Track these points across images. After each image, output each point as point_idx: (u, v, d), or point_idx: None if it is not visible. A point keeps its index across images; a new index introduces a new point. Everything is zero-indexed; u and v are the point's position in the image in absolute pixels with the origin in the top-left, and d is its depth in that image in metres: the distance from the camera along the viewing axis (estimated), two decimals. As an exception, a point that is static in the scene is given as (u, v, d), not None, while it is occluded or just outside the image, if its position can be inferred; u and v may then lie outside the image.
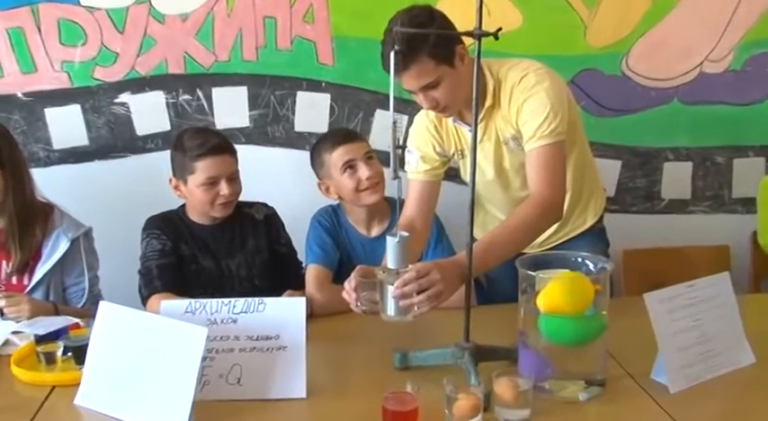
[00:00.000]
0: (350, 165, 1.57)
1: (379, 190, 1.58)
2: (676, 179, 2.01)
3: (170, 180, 1.57)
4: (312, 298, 1.46)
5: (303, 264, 1.59)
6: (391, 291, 1.11)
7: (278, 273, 1.64)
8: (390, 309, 1.13)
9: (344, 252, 1.63)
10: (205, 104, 1.88)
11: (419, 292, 1.11)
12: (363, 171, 1.56)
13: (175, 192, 1.57)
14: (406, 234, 1.12)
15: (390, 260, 1.13)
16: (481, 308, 1.46)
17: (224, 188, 1.53)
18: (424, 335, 1.29)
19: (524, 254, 1.14)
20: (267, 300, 1.15)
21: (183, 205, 1.61)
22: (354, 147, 1.58)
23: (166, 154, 1.59)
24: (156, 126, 1.87)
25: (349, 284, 1.19)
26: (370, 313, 1.18)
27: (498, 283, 1.62)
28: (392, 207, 1.66)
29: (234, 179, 1.56)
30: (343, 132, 1.65)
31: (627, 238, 1.94)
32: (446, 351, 1.17)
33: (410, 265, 1.12)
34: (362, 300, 1.18)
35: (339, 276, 1.58)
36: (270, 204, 1.68)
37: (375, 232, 1.65)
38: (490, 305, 1.53)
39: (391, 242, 1.12)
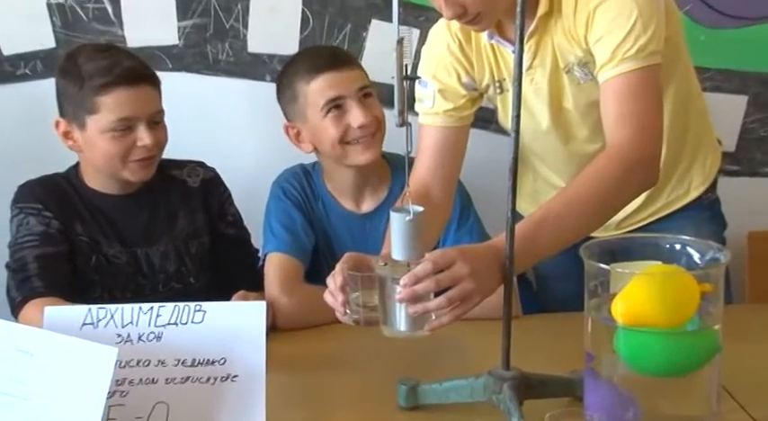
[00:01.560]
0: (335, 105, 1.57)
1: (375, 144, 1.58)
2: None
3: (56, 123, 1.55)
4: (275, 302, 1.47)
5: (261, 254, 1.60)
6: (397, 291, 1.12)
7: (223, 267, 1.65)
8: (396, 318, 1.13)
9: (322, 235, 1.64)
10: (110, 9, 1.86)
11: (437, 294, 1.12)
12: (355, 115, 1.56)
13: (65, 141, 1.56)
14: (419, 209, 1.12)
15: (396, 247, 1.13)
16: (528, 318, 1.47)
17: (142, 136, 1.51)
18: (443, 359, 1.30)
19: (593, 238, 1.13)
20: (208, 305, 1.15)
21: (77, 165, 1.60)
22: (343, 79, 1.57)
23: (50, 84, 1.58)
24: (33, 41, 1.85)
25: (333, 281, 1.20)
26: (365, 325, 1.19)
27: (554, 282, 1.63)
28: (393, 168, 1.66)
29: (157, 124, 1.55)
30: (328, 53, 1.65)
31: (754, 216, 1.91)
32: (475, 382, 1.17)
33: (426, 255, 1.13)
34: (353, 305, 1.19)
35: (315, 271, 1.59)
36: (211, 164, 1.68)
37: (368, 206, 1.65)
38: (542, 314, 1.55)
39: (398, 220, 1.12)
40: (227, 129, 1.90)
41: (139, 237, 1.58)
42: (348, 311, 1.19)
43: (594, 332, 1.08)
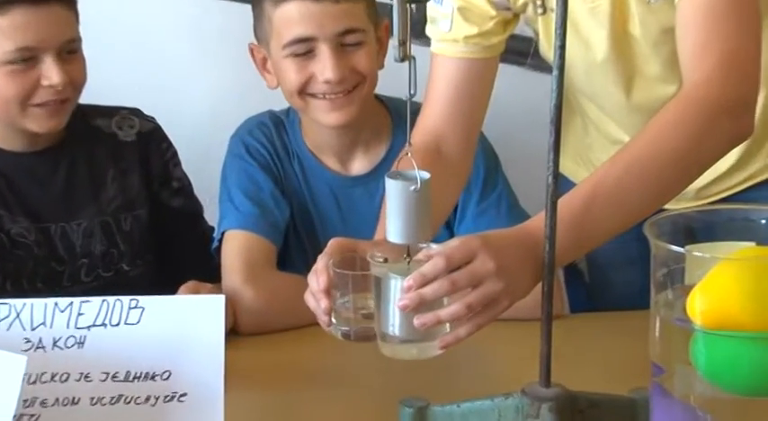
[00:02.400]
0: (303, 47, 1.56)
1: (349, 104, 1.59)
2: None
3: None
4: (238, 295, 1.48)
5: (217, 233, 1.61)
6: (397, 293, 1.12)
7: (168, 250, 1.66)
8: (396, 329, 1.14)
9: (299, 207, 1.65)
10: None
11: (453, 296, 1.12)
12: (324, 66, 1.55)
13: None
14: (426, 175, 1.12)
15: (393, 229, 1.13)
16: (576, 318, 1.49)
17: (49, 72, 1.51)
18: (461, 373, 1.31)
19: (664, 211, 1.13)
20: (146, 300, 1.16)
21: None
22: (321, 13, 1.56)
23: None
24: None
25: (316, 279, 1.20)
26: (358, 340, 1.20)
27: (611, 271, 1.64)
28: (395, 116, 1.67)
29: (71, 55, 1.55)
30: None
31: None
32: (504, 404, 1.17)
33: (434, 246, 1.13)
34: (341, 313, 1.19)
35: (289, 253, 1.60)
36: (149, 112, 1.69)
37: (361, 167, 1.67)
38: (595, 313, 1.56)
39: (397, 191, 1.12)
40: (170, 63, 1.90)
41: (53, 209, 1.59)
42: (334, 320, 1.19)
43: (664, 337, 1.08)
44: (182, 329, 1.15)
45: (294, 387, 1.33)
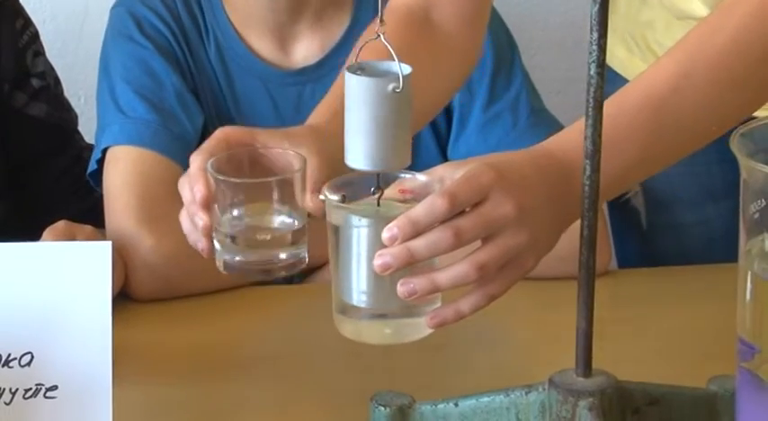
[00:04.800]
0: None
1: None
2: None
3: None
4: (129, 244, 1.50)
5: (96, 151, 1.62)
6: (365, 248, 1.14)
7: (27, 181, 1.68)
8: (365, 297, 1.15)
9: (218, 111, 1.67)
10: None
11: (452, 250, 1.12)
12: None
13: None
14: (407, 69, 1.11)
15: (357, 148, 1.13)
16: (630, 275, 1.50)
17: None
18: (458, 357, 1.33)
19: (753, 120, 1.14)
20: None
21: None
22: None
23: None
24: None
25: (190, 188, 1.20)
26: (249, 276, 1.23)
27: (680, 210, 1.66)
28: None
29: None
30: None
31: None
32: (525, 400, 1.19)
33: (419, 176, 1.14)
34: (225, 234, 1.19)
35: None
36: None
37: (306, 53, 1.69)
38: (657, 268, 1.58)
39: (364, 91, 1.12)
40: None
41: None
42: (218, 245, 1.19)
43: (759, 302, 1.10)
44: (48, 292, 1.15)
45: (213, 377, 1.35)
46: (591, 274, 1.13)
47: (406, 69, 1.10)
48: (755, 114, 1.21)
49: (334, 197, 1.13)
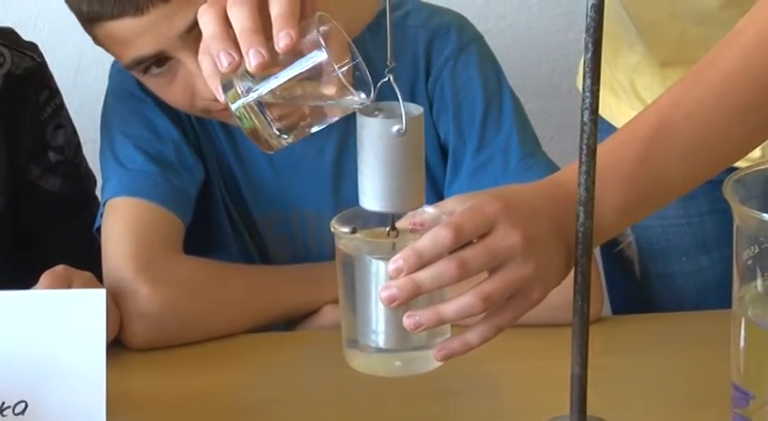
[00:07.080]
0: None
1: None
2: None
3: None
4: (126, 293, 1.49)
5: (101, 207, 1.61)
6: (378, 278, 1.13)
7: (37, 244, 1.69)
8: (374, 332, 1.15)
9: (220, 164, 1.67)
10: None
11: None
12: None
13: None
14: (418, 110, 1.10)
15: (371, 189, 1.12)
16: (624, 322, 1.50)
17: None
18: (458, 401, 1.33)
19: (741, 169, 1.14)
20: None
21: None
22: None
23: None
24: None
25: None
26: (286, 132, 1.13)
27: (673, 258, 1.65)
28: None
29: None
30: None
31: None
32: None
33: (428, 209, 1.14)
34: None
35: (204, 232, 1.63)
36: (33, 39, 1.71)
37: None
38: (650, 315, 1.58)
39: (376, 132, 1.11)
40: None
41: None
42: (239, 89, 1.10)
43: (753, 348, 1.10)
44: (42, 340, 1.15)
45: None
46: (585, 320, 1.14)
47: (417, 111, 1.10)
48: (737, 165, 1.21)
49: (345, 229, 1.13)
